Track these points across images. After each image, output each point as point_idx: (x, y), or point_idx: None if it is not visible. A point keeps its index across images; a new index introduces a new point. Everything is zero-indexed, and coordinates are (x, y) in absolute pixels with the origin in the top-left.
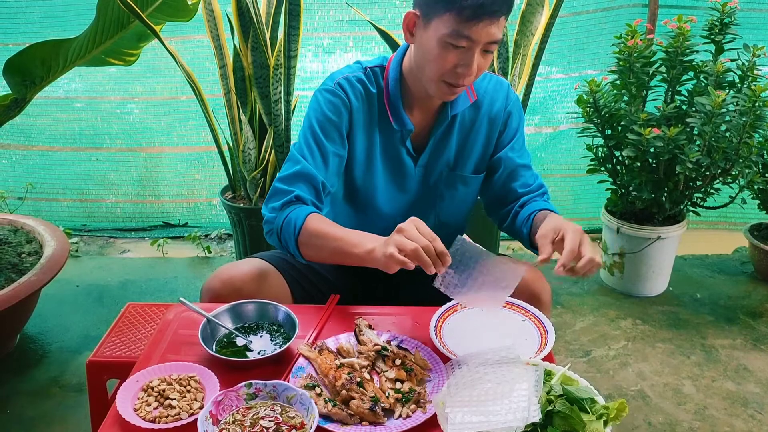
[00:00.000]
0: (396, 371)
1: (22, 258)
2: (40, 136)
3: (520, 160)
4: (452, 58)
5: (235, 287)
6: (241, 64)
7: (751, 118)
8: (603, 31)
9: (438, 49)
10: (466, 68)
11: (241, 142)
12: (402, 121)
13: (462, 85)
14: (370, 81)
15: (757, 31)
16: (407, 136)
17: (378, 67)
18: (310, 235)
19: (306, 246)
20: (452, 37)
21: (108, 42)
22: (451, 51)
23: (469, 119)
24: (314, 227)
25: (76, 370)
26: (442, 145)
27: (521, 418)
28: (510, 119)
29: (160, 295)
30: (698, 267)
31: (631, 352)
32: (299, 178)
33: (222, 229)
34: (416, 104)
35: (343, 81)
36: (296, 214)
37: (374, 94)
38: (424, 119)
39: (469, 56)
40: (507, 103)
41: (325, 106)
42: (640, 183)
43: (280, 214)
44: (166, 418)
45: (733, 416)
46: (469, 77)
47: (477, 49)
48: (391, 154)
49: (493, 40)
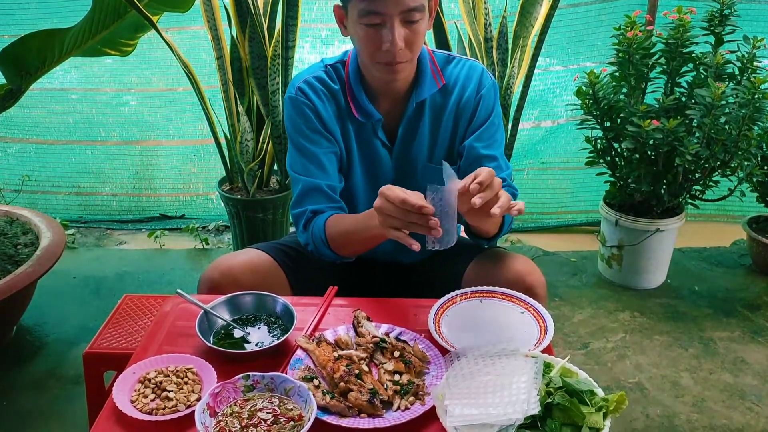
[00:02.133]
0: (395, 363)
1: (18, 249)
2: (35, 128)
3: (486, 150)
4: (373, 37)
5: (233, 277)
6: (239, 54)
7: (750, 111)
8: (602, 22)
9: (359, 32)
10: (391, 44)
11: (239, 133)
12: (366, 112)
13: (397, 61)
14: (331, 78)
15: (756, 23)
16: (378, 126)
17: (339, 62)
18: (336, 239)
19: (338, 247)
20: (364, 16)
21: (104, 32)
22: (370, 30)
23: (439, 106)
24: (334, 230)
25: (73, 361)
26: (413, 134)
27: (520, 411)
28: (480, 106)
29: (157, 287)
30: (696, 259)
31: (629, 344)
32: (306, 196)
33: (219, 221)
34: (380, 93)
35: (302, 85)
36: (317, 227)
37: (337, 90)
38: (393, 108)
39: (388, 31)
40: (479, 89)
41: (294, 114)
42: (639, 175)
43: (308, 235)
44: (163, 410)
45: (730, 408)
46: (401, 51)
47: (395, 22)
48: (366, 146)
49: (408, 8)
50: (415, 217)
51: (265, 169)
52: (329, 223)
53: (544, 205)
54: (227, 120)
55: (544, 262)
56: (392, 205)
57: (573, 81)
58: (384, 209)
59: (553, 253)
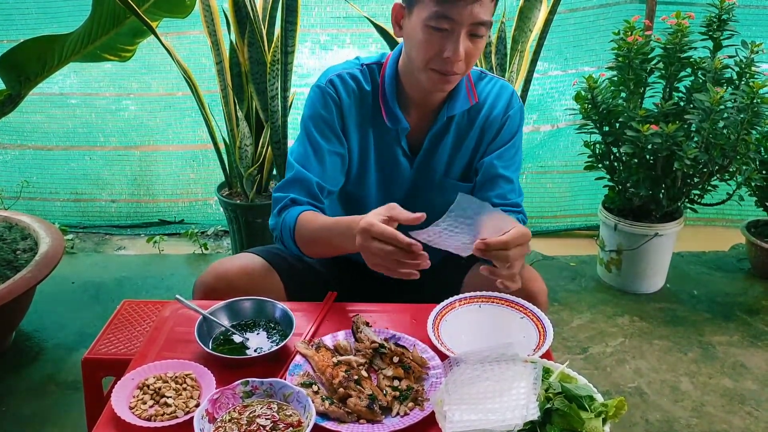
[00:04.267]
0: (394, 369)
1: (17, 255)
2: (33, 134)
3: (504, 171)
4: (437, 43)
5: (228, 282)
6: (238, 59)
7: (749, 115)
8: (601, 27)
9: (422, 35)
10: (453, 53)
11: (238, 138)
12: (396, 118)
13: (452, 72)
14: (366, 78)
15: (755, 28)
16: (403, 134)
17: (375, 63)
18: (303, 232)
19: (304, 243)
20: (433, 19)
21: (104, 37)
22: (435, 35)
23: (467, 122)
24: (304, 227)
25: (71, 367)
26: (437, 147)
27: (520, 416)
28: (506, 126)
29: (156, 293)
30: (695, 264)
31: (629, 349)
32: (293, 183)
33: (218, 226)
34: (413, 103)
35: (335, 78)
36: (290, 217)
37: (368, 92)
38: (422, 119)
39: (454, 39)
40: (507, 110)
41: (318, 103)
42: (638, 180)
43: (279, 221)
44: (161, 416)
45: (730, 413)
46: (459, 63)
47: (462, 32)
48: (386, 153)
49: (478, 21)
50: (403, 255)
51: (264, 174)
52: (303, 217)
53: (542, 209)
54: (226, 125)
55: (543, 267)
56: (379, 245)
57: (572, 85)
58: (371, 249)
59: (552, 257)
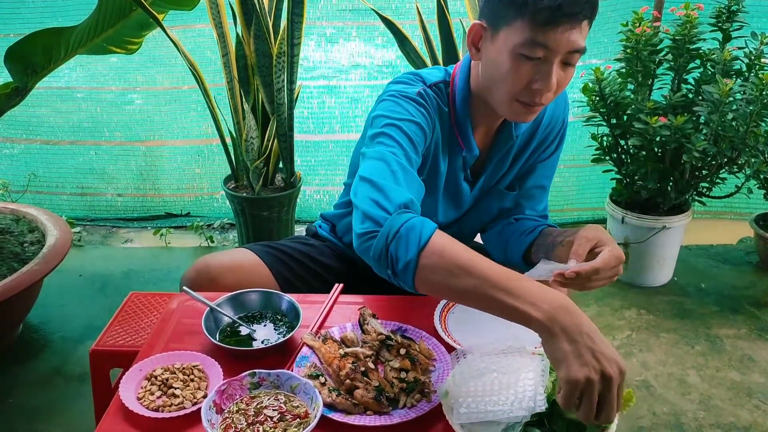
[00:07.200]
0: (400, 361)
1: (25, 247)
2: (39, 128)
3: (545, 180)
4: (527, 72)
5: (209, 277)
6: (244, 52)
7: (758, 107)
8: (609, 19)
9: (510, 63)
10: (544, 83)
11: (244, 131)
12: (471, 145)
13: (540, 104)
14: (440, 98)
15: (765, 19)
16: (471, 161)
17: (442, 82)
18: (441, 255)
19: (430, 269)
20: (526, 46)
21: (110, 30)
22: (525, 64)
23: (528, 137)
24: (451, 247)
25: (79, 359)
26: (500, 167)
27: (527, 408)
28: (559, 135)
29: (163, 285)
30: (703, 257)
31: (636, 342)
32: (398, 180)
33: (225, 219)
34: (481, 125)
35: (423, 92)
36: (421, 225)
37: (446, 113)
38: (485, 140)
39: (547, 68)
40: (563, 117)
41: (416, 114)
42: (646, 172)
43: (396, 219)
44: (169, 407)
45: (737, 406)
46: (548, 94)
47: (556, 60)
48: (452, 177)
49: (575, 49)
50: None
51: (271, 167)
52: (442, 236)
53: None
54: (232, 118)
55: None
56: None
57: (579, 78)
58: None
59: None
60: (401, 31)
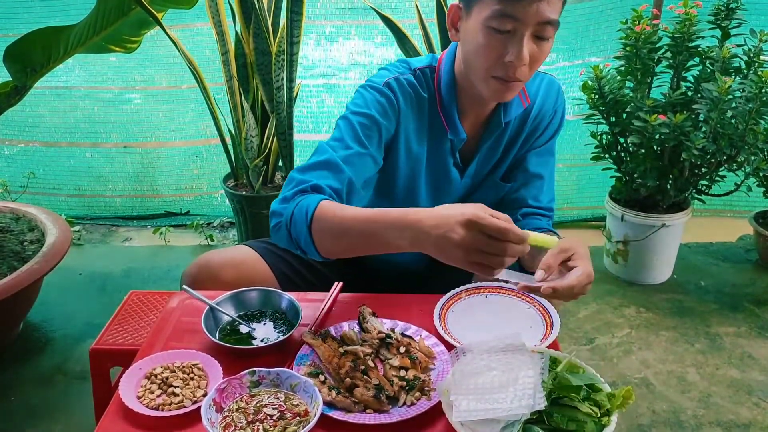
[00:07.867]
0: (400, 359)
1: (24, 246)
2: (37, 128)
3: (541, 169)
4: (498, 45)
5: (211, 273)
6: (243, 50)
7: (757, 105)
8: (608, 17)
9: (481, 37)
10: (516, 56)
11: (243, 129)
12: (456, 129)
13: (515, 78)
14: (421, 84)
15: (764, 17)
16: (458, 146)
17: (428, 68)
18: (328, 222)
19: (322, 234)
20: (495, 19)
21: (109, 29)
22: (496, 37)
23: (518, 125)
24: (331, 212)
25: (79, 357)
26: (491, 155)
27: (527, 406)
28: (551, 124)
29: (163, 283)
30: (703, 255)
31: (635, 339)
32: (321, 167)
33: (224, 218)
34: (468, 111)
35: (392, 81)
36: (308, 201)
37: (425, 99)
38: (474, 126)
39: (518, 41)
40: (555, 107)
41: (372, 104)
42: (645, 170)
43: (290, 204)
44: (169, 405)
45: (737, 404)
46: (522, 68)
47: (527, 33)
48: (438, 164)
49: (545, 20)
50: (512, 249)
51: (270, 165)
52: (326, 205)
53: None
54: (232, 116)
55: None
56: (486, 239)
57: (579, 76)
58: (478, 244)
59: None
60: (401, 30)
